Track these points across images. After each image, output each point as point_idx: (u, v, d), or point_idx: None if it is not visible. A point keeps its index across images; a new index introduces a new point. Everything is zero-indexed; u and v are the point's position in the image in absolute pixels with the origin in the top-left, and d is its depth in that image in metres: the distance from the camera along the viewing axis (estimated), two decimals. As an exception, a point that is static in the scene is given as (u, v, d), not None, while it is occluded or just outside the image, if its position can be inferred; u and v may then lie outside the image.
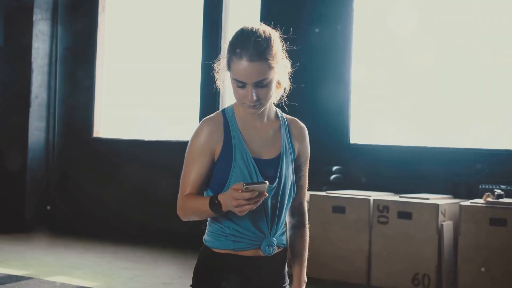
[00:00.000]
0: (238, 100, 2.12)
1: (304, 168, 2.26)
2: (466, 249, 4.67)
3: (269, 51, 2.06)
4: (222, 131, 2.14)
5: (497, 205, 4.62)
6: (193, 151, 2.14)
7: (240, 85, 2.07)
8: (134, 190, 6.90)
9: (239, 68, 2.06)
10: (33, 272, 4.92)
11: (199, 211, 2.08)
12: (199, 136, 2.15)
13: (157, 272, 5.21)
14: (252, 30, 2.09)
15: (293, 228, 2.28)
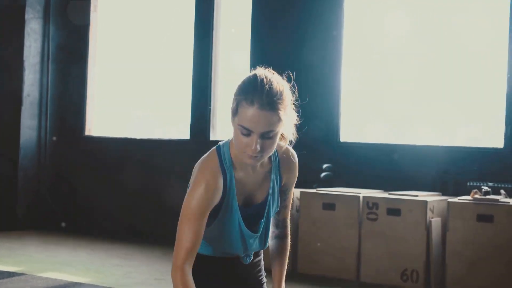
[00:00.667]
0: (239, 148, 2.06)
1: (289, 192, 2.34)
2: (454, 244, 4.74)
3: (281, 102, 2.03)
4: (221, 188, 2.11)
5: (484, 202, 4.70)
6: (194, 210, 2.06)
7: (245, 132, 2.02)
8: (126, 188, 6.94)
9: (248, 115, 2.00)
10: (25, 269, 4.95)
11: None
12: (202, 196, 2.06)
13: (149, 269, 5.25)
14: (267, 78, 2.04)
15: (276, 238, 2.39)
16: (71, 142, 7.37)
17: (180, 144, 6.71)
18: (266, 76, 2.05)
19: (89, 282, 4.55)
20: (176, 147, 6.71)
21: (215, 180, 2.08)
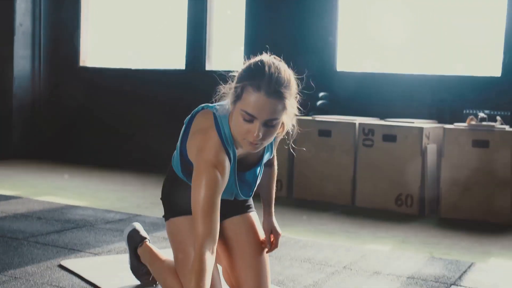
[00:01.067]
0: (240, 134, 2.03)
1: (276, 140, 2.35)
2: (449, 170, 4.76)
3: (288, 91, 1.99)
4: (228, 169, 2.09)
5: (479, 128, 4.69)
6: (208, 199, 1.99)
7: (248, 118, 1.98)
8: (121, 119, 6.91)
9: (253, 101, 1.96)
10: (22, 193, 4.97)
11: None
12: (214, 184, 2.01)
13: (145, 194, 5.28)
14: (274, 65, 2.00)
15: (264, 167, 2.41)
16: (65, 72, 7.30)
17: (176, 74, 6.65)
18: (274, 63, 2.00)
19: (84, 205, 4.57)
20: (172, 78, 6.65)
21: (223, 165, 2.05)
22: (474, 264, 3.30)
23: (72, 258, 2.99)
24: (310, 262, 3.19)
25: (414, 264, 3.25)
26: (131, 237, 2.61)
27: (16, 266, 2.81)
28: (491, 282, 2.95)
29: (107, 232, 3.62)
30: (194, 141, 2.12)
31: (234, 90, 2.01)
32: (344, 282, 2.85)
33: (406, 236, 4.08)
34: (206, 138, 2.08)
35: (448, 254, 3.60)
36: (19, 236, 3.40)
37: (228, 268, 2.39)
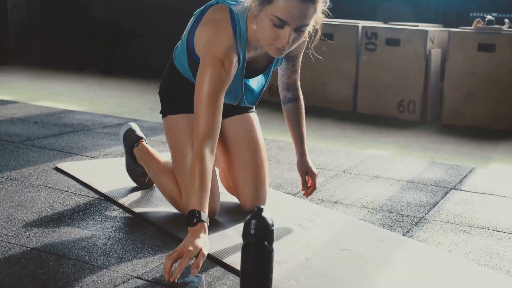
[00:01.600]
0: (267, 39, 1.91)
1: (298, 58, 2.31)
2: (453, 75, 4.67)
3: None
4: (235, 69, 2.01)
5: (486, 31, 4.56)
6: (210, 93, 1.92)
7: (278, 24, 1.86)
8: (119, 25, 6.75)
9: (287, 6, 1.83)
10: (19, 98, 4.90)
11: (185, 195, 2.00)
12: (217, 78, 1.93)
13: (144, 99, 5.21)
14: None
15: (289, 102, 2.38)
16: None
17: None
18: None
19: (83, 110, 4.51)
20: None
21: (230, 62, 1.96)
22: (475, 169, 3.27)
23: (68, 161, 2.96)
24: (309, 166, 3.16)
25: (414, 168, 3.22)
26: (127, 137, 2.55)
27: (12, 168, 2.78)
28: (490, 186, 2.93)
29: (104, 136, 3.58)
30: (204, 32, 2.01)
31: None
32: (343, 185, 2.82)
33: (407, 141, 4.04)
34: (218, 31, 1.98)
35: (449, 159, 3.57)
36: (15, 139, 3.36)
37: (225, 169, 2.35)
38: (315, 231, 2.17)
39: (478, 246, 2.14)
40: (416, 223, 2.36)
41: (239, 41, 1.99)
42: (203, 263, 1.83)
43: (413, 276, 1.83)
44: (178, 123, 2.23)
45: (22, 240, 1.96)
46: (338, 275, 1.80)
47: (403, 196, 2.70)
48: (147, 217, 2.22)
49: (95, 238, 2.02)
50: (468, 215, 2.48)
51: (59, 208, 2.30)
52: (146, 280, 1.73)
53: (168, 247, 1.97)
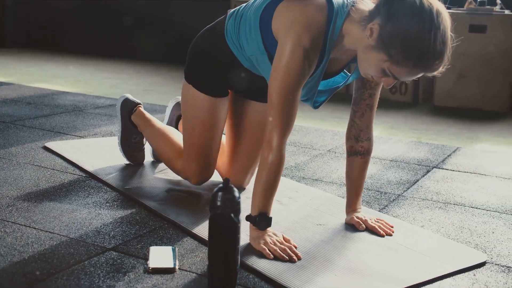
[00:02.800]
0: (366, 70, 1.76)
1: (376, 86, 1.97)
2: (444, 57, 4.68)
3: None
4: (314, 65, 1.82)
5: (478, 12, 4.57)
6: (293, 84, 1.77)
7: (389, 75, 1.73)
8: (117, 8, 6.78)
9: (408, 73, 1.69)
10: (14, 79, 4.95)
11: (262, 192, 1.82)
12: (301, 68, 1.76)
13: (138, 81, 5.25)
14: (442, 30, 1.65)
15: (357, 155, 2.05)
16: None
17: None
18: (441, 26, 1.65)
19: (77, 91, 4.56)
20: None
21: (315, 55, 1.77)
22: (460, 148, 3.30)
23: (57, 141, 3.01)
24: (296, 145, 3.20)
25: (399, 148, 3.26)
26: (124, 105, 2.56)
27: (1, 147, 2.83)
28: (472, 165, 2.96)
29: (95, 117, 3.63)
30: (293, 10, 1.79)
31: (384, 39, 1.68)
32: (326, 164, 2.87)
33: (396, 122, 4.08)
34: (311, 16, 1.76)
35: (435, 139, 3.61)
36: (6, 119, 3.41)
37: (226, 146, 2.37)
38: (292, 207, 2.22)
39: (451, 221, 2.19)
40: (394, 200, 2.40)
41: (329, 40, 1.80)
42: (177, 236, 1.89)
43: (381, 248, 1.87)
44: (199, 101, 2.15)
45: (4, 215, 2.01)
46: (310, 249, 1.84)
47: (384, 174, 2.74)
48: (128, 193, 2.27)
49: (76, 212, 2.07)
50: (446, 193, 2.52)
51: (44, 185, 2.35)
52: (121, 252, 1.78)
53: (146, 222, 2.02)
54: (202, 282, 1.62)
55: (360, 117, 2.01)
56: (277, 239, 1.81)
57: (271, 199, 1.83)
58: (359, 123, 2.02)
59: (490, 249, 1.95)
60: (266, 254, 1.75)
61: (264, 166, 1.81)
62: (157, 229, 1.97)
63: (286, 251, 1.76)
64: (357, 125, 2.02)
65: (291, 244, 1.81)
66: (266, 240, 1.79)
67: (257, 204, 1.82)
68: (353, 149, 2.04)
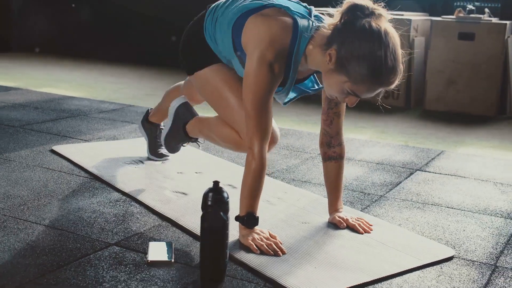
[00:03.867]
0: (330, 91, 1.94)
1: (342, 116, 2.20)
2: (435, 62, 4.87)
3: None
4: (281, 78, 2.00)
5: (466, 20, 4.76)
6: (262, 93, 1.95)
7: (351, 94, 1.90)
8: (121, 13, 6.97)
9: (368, 90, 1.87)
10: (22, 84, 5.15)
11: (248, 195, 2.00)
12: (267, 79, 1.94)
13: (141, 86, 5.45)
14: (392, 48, 1.83)
15: (330, 160, 2.22)
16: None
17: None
18: (391, 45, 1.83)
19: (81, 96, 4.75)
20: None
21: (279, 67, 1.96)
22: (444, 152, 3.49)
23: (63, 144, 3.20)
24: (288, 149, 3.39)
25: (386, 151, 3.44)
26: (183, 112, 2.52)
27: (11, 150, 3.03)
28: (453, 168, 3.15)
29: (99, 121, 3.82)
30: (260, 28, 1.97)
31: (341, 63, 1.86)
32: (316, 166, 3.05)
33: (387, 126, 4.26)
34: (275, 34, 1.95)
35: (422, 143, 3.79)
36: (16, 124, 3.61)
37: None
38: (280, 206, 2.41)
39: (427, 220, 2.37)
40: (376, 200, 2.59)
41: (293, 60, 1.98)
42: (172, 233, 2.09)
43: (358, 244, 2.06)
44: (208, 75, 2.23)
45: (17, 214, 2.21)
46: (293, 244, 2.03)
47: (369, 177, 2.93)
48: (130, 193, 2.47)
49: (82, 211, 2.27)
50: (425, 194, 2.71)
51: (52, 186, 2.54)
52: (122, 246, 1.98)
53: (146, 220, 2.21)
54: (195, 274, 1.81)
55: (329, 125, 2.19)
56: (263, 235, 2.00)
57: (257, 200, 2.02)
58: (329, 130, 2.20)
59: (459, 245, 2.14)
60: (253, 249, 1.94)
61: (249, 171, 2.00)
62: (156, 227, 2.16)
63: (271, 246, 1.95)
64: (327, 133, 2.21)
65: (277, 240, 2.00)
66: (254, 236, 1.98)
67: (245, 206, 2.01)
68: (327, 155, 2.22)
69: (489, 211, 2.51)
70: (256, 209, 2.02)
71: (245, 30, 2.03)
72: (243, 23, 2.04)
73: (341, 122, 2.21)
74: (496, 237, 2.23)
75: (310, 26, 1.98)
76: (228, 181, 2.64)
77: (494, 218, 2.43)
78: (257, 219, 2.01)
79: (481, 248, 2.12)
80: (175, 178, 2.70)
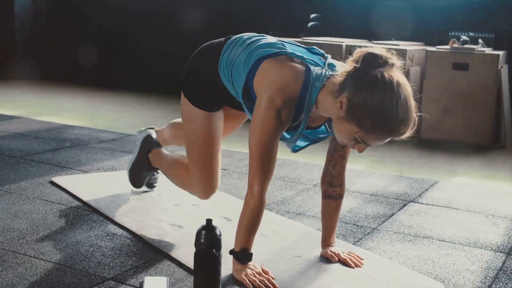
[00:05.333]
0: (341, 138, 1.99)
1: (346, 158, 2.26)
2: (431, 92, 4.95)
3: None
4: (288, 124, 2.04)
5: (460, 51, 4.84)
6: (272, 133, 2.00)
7: (360, 142, 1.95)
8: (123, 39, 7.08)
9: (378, 139, 1.92)
10: (23, 113, 5.23)
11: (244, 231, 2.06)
12: (275, 126, 1.99)
13: (141, 114, 5.53)
14: (403, 100, 1.87)
15: (330, 198, 2.29)
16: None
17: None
18: (402, 96, 1.87)
19: (82, 125, 4.82)
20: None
21: (287, 114, 2.00)
22: (438, 182, 3.54)
23: (63, 175, 3.26)
24: (284, 180, 3.45)
25: (381, 182, 3.50)
26: (146, 142, 2.80)
27: (11, 182, 3.09)
28: (446, 199, 3.20)
29: (98, 151, 3.89)
30: (271, 73, 2.02)
31: (352, 111, 1.89)
32: (311, 198, 3.11)
33: (382, 156, 4.32)
34: (286, 81, 1.99)
35: (416, 173, 3.85)
36: (16, 154, 3.67)
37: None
38: (274, 239, 2.46)
39: (417, 254, 2.42)
40: (368, 233, 2.64)
41: (307, 104, 2.00)
42: (168, 267, 2.14)
43: (349, 278, 2.11)
44: (198, 117, 2.32)
45: (15, 247, 2.26)
46: (286, 279, 2.08)
47: (363, 208, 2.98)
48: (127, 226, 2.52)
49: (80, 245, 2.32)
50: (417, 226, 2.76)
51: (51, 219, 2.60)
52: (118, 281, 2.03)
53: (143, 254, 2.26)
54: (189, 309, 1.86)
55: (333, 166, 2.26)
56: (256, 271, 2.05)
57: (253, 237, 2.08)
58: (332, 171, 2.26)
59: (448, 279, 2.18)
60: (246, 284, 1.99)
61: (247, 209, 2.05)
62: (152, 261, 2.21)
63: (264, 282, 2.00)
64: (330, 173, 2.27)
65: (269, 275, 2.05)
66: (247, 272, 2.03)
67: (240, 241, 2.06)
68: (327, 193, 2.29)
69: (479, 244, 2.56)
70: (251, 246, 2.07)
71: (257, 74, 2.07)
72: (257, 68, 2.08)
73: (345, 164, 2.27)
74: (485, 270, 2.28)
75: (322, 75, 2.00)
76: (224, 214, 2.69)
77: (484, 251, 2.48)
78: (251, 255, 2.07)
79: (470, 282, 2.17)
80: (171, 210, 2.75)
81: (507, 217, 2.94)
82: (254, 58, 2.10)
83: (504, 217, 2.95)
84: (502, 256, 2.44)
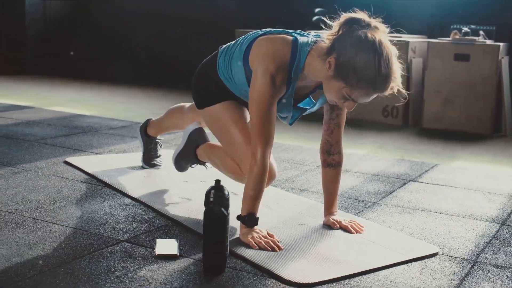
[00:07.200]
0: (330, 97, 2.13)
1: (342, 109, 2.36)
2: (432, 82, 5.06)
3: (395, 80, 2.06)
4: (284, 89, 2.20)
5: (462, 42, 4.95)
6: (265, 101, 2.15)
7: (349, 99, 2.09)
8: (130, 39, 7.21)
9: (364, 95, 2.06)
10: (35, 103, 5.36)
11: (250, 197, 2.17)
12: (269, 88, 2.14)
13: (150, 106, 5.66)
14: (386, 56, 2.01)
15: (329, 166, 2.41)
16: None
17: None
18: (384, 53, 2.01)
19: (91, 114, 4.95)
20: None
21: (280, 79, 2.16)
22: (438, 165, 3.66)
23: (76, 156, 3.39)
24: (288, 162, 3.57)
25: (382, 164, 3.61)
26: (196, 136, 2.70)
27: (27, 161, 3.22)
28: (445, 179, 3.32)
29: (109, 136, 4.02)
30: (262, 47, 2.20)
31: (339, 69, 2.05)
32: (314, 177, 3.23)
33: (385, 142, 4.44)
34: (276, 50, 2.17)
35: (417, 157, 3.96)
36: (31, 138, 3.81)
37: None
38: (278, 211, 2.58)
39: (415, 223, 2.54)
40: (369, 206, 2.76)
41: (294, 73, 2.18)
42: (180, 231, 2.26)
43: (349, 243, 2.23)
44: (217, 111, 2.43)
45: (34, 215, 2.39)
46: (289, 242, 2.21)
47: (365, 186, 3.10)
48: (139, 198, 2.65)
49: (94, 213, 2.45)
50: (416, 201, 2.87)
51: (66, 192, 2.73)
52: (132, 243, 2.15)
53: (154, 221, 2.39)
54: (199, 265, 1.99)
55: (330, 134, 2.39)
56: (262, 234, 2.17)
57: (258, 202, 2.20)
58: (329, 139, 2.39)
59: (444, 244, 2.30)
60: (252, 245, 2.11)
61: (251, 175, 2.18)
62: (163, 227, 2.34)
63: (269, 243, 2.13)
64: (328, 141, 2.39)
65: (274, 238, 2.18)
66: (253, 235, 2.16)
67: (246, 206, 2.19)
68: (326, 162, 2.41)
69: (475, 216, 2.68)
70: (257, 211, 2.19)
71: (251, 51, 2.25)
72: (250, 49, 2.26)
73: (341, 132, 2.40)
74: (479, 237, 2.40)
75: (308, 42, 2.19)
76: (231, 189, 2.81)
77: (479, 222, 2.60)
78: (257, 219, 2.19)
79: (464, 246, 2.29)
80: (181, 186, 2.88)
81: (504, 194, 3.06)
82: (246, 43, 2.30)
83: (501, 194, 3.06)
84: (496, 226, 2.56)
